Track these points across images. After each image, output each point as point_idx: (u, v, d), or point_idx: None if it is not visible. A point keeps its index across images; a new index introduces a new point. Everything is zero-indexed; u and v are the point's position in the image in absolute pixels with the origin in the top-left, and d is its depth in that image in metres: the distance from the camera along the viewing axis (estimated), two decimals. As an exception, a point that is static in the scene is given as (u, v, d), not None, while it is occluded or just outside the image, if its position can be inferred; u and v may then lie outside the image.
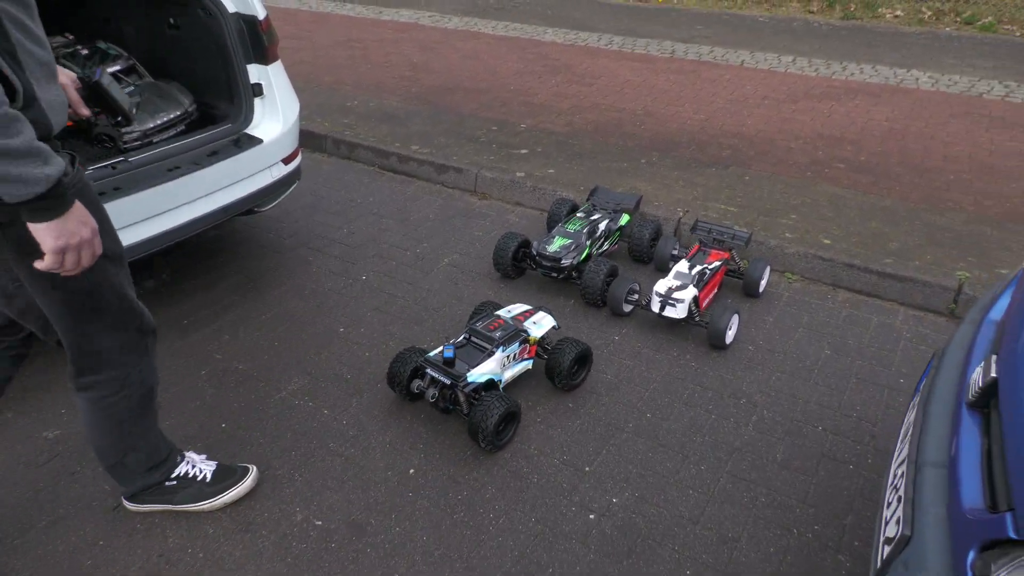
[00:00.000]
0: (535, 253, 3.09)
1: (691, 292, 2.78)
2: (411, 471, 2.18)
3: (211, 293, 3.07)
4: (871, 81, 6.02)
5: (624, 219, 3.42)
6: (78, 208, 1.36)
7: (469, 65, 6.39)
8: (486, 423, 2.10)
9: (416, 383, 2.26)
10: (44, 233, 1.31)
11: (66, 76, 1.76)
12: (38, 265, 1.38)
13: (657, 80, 6.02)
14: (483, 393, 2.23)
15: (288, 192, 3.17)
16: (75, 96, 1.76)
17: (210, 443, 2.29)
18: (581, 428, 2.36)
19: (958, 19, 8.15)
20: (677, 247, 3.29)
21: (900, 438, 1.56)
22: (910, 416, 1.58)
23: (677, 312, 2.76)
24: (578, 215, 3.33)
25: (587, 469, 2.19)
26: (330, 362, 2.67)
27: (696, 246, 3.16)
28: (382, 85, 5.73)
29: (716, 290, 3.05)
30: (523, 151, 4.44)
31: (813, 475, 2.18)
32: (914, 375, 2.62)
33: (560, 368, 2.38)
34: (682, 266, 2.96)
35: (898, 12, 8.47)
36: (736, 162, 4.31)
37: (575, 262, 3.05)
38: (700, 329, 2.85)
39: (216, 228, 3.18)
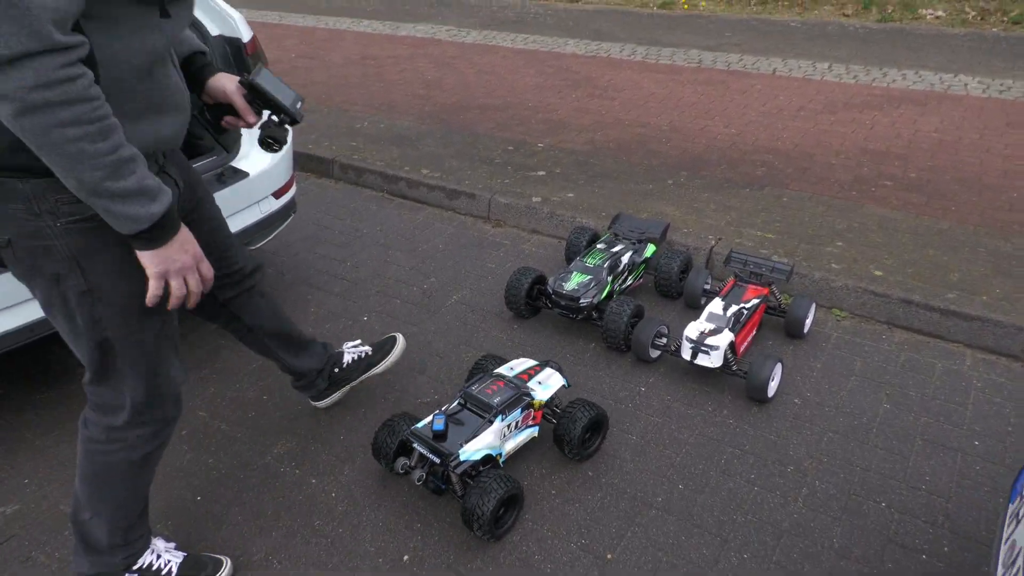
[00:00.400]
0: (551, 291, 2.79)
1: (727, 337, 2.45)
2: (405, 558, 1.89)
3: (198, 336, 2.83)
4: (915, 88, 5.62)
5: (650, 250, 3.10)
6: (181, 233, 1.37)
7: (485, 81, 6.13)
8: (482, 510, 1.80)
9: (401, 462, 1.96)
10: (145, 260, 1.34)
11: (231, 81, 1.64)
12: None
13: (683, 92, 5.70)
14: (481, 469, 1.94)
15: (281, 228, 2.93)
16: (242, 103, 1.63)
17: (182, 519, 2.03)
18: (602, 503, 2.04)
19: (1005, 19, 7.69)
20: (710, 281, 2.97)
21: (999, 562, 1.23)
22: (1011, 531, 1.25)
23: (711, 360, 2.44)
24: (598, 247, 3.03)
25: (609, 556, 1.88)
26: (322, 421, 2.40)
27: (731, 280, 2.83)
28: (394, 104, 5.50)
29: (755, 331, 2.72)
30: (540, 173, 4.15)
31: (878, 567, 1.84)
32: (990, 435, 2.26)
33: (570, 437, 2.08)
34: (715, 306, 2.64)
35: (939, 12, 8.03)
36: (772, 182, 3.97)
37: (595, 301, 2.74)
38: (738, 378, 2.52)
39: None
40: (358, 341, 2.39)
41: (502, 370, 2.21)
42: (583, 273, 2.83)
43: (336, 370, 2.30)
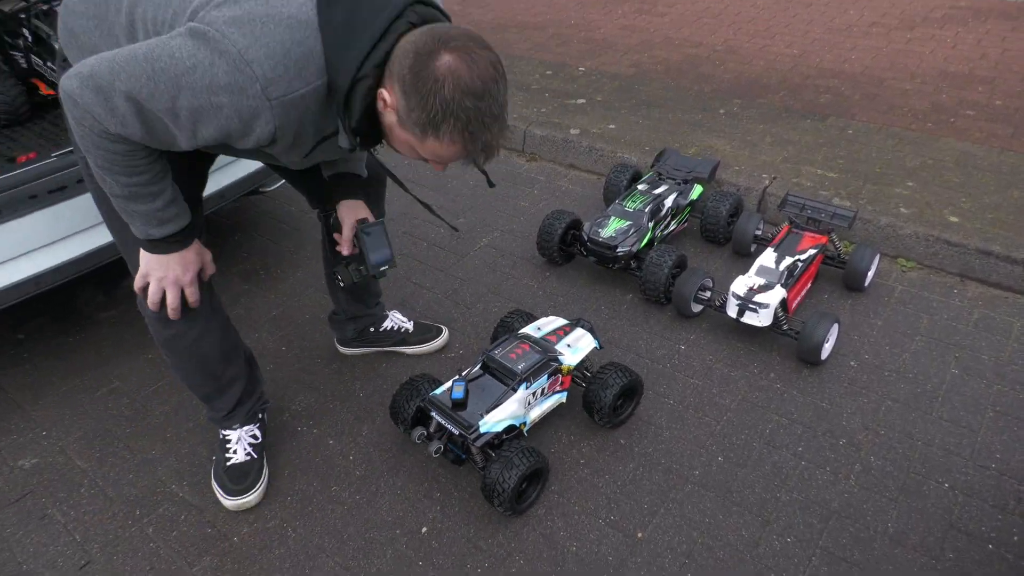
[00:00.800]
0: (586, 237, 2.58)
1: (778, 294, 2.23)
2: (424, 530, 1.80)
3: (220, 280, 2.72)
4: (1006, -2, 5.01)
5: (696, 191, 2.84)
6: (183, 254, 1.48)
7: (525, -4, 5.71)
8: (503, 486, 1.68)
9: (418, 432, 1.84)
10: (141, 256, 1.47)
11: (352, 217, 1.74)
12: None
13: (741, 6, 5.20)
14: (504, 438, 1.81)
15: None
16: (346, 235, 1.75)
17: (197, 477, 1.97)
18: (634, 475, 1.91)
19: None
20: (761, 226, 2.72)
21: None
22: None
23: (760, 319, 2.23)
24: (639, 188, 2.78)
25: (639, 535, 1.76)
26: (342, 374, 2.30)
27: (786, 227, 2.58)
28: (427, 23, 5.16)
29: (809, 284, 2.48)
30: (580, 101, 3.85)
31: (938, 558, 1.67)
32: (1074, 408, 2.03)
33: (601, 405, 1.92)
34: (767, 257, 2.40)
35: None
36: (837, 110, 3.59)
37: (634, 250, 2.53)
38: (788, 338, 2.30)
39: (232, 202, 2.81)
40: (407, 318, 2.36)
41: (528, 330, 2.05)
42: (622, 218, 2.61)
43: (372, 329, 2.29)
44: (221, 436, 1.93)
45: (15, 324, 2.53)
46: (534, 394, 1.89)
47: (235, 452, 1.91)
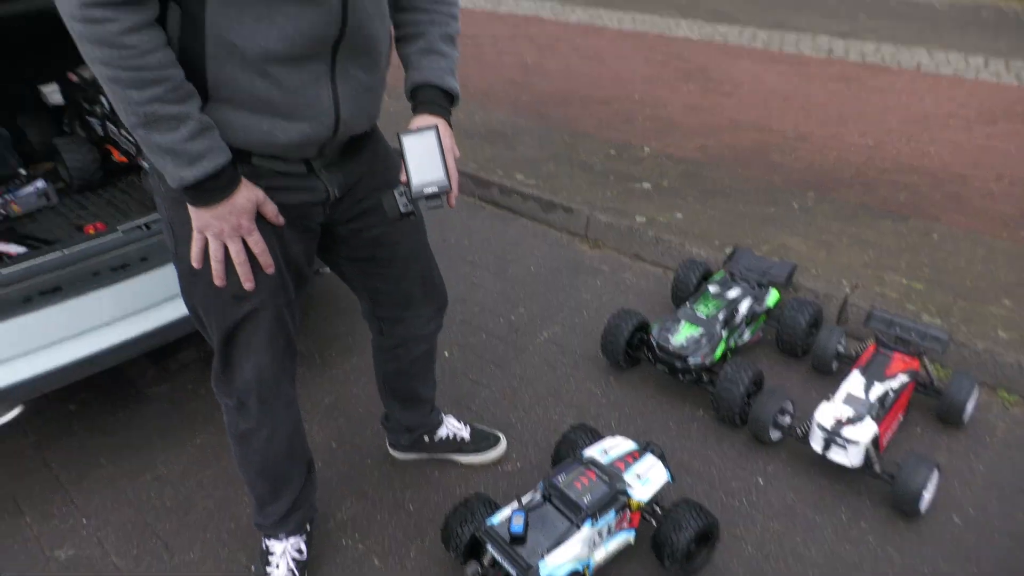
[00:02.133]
0: (655, 343, 2.43)
1: (869, 429, 2.04)
2: None
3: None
4: (1095, 94, 4.80)
5: (773, 298, 2.69)
6: (234, 200, 1.29)
7: (589, 69, 5.70)
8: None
9: (472, 568, 1.69)
10: (191, 212, 1.31)
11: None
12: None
13: (811, 89, 5.09)
14: (566, 585, 1.65)
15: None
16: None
17: (236, 592, 1.85)
18: (708, 636, 1.72)
19: None
20: (844, 341, 2.53)
21: None
22: None
23: (849, 457, 2.03)
24: (711, 290, 2.64)
25: None
26: (392, 480, 2.17)
27: (872, 345, 2.39)
28: (490, 93, 5.17)
29: (901, 415, 2.28)
30: (645, 185, 3.75)
31: None
32: None
33: (673, 548, 1.74)
34: (854, 383, 2.21)
35: (1123, -2, 6.91)
36: (918, 211, 3.41)
37: (707, 362, 2.37)
38: (880, 480, 2.10)
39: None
40: (463, 424, 2.23)
41: (594, 453, 1.90)
42: (693, 324, 2.46)
43: (426, 439, 2.18)
44: (264, 546, 1.82)
45: (67, 395, 2.49)
46: (600, 532, 1.73)
47: (277, 567, 1.79)
